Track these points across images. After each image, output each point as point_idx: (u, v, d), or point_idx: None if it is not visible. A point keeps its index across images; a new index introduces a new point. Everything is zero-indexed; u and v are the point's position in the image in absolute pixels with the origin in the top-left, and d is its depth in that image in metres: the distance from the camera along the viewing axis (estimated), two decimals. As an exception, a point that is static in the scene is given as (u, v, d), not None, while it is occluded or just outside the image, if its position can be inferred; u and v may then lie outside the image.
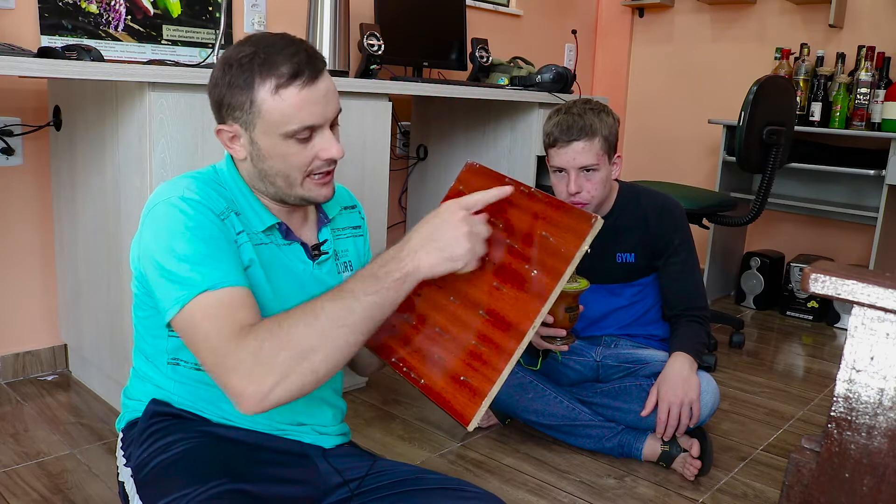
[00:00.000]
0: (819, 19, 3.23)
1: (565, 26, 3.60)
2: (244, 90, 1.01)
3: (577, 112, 1.70)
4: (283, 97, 1.00)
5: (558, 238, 0.94)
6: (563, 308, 1.43)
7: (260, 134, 1.03)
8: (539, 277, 0.93)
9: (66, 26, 1.99)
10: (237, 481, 1.01)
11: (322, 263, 1.16)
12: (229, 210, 1.05)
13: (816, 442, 0.75)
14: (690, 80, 3.66)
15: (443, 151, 2.87)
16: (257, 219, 1.08)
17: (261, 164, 1.05)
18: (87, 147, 1.84)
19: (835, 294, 0.69)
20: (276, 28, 2.50)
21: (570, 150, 1.68)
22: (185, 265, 0.96)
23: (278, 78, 1.00)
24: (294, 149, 1.03)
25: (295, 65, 1.00)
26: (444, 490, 1.13)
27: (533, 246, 0.97)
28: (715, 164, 3.43)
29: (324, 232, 1.18)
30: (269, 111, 1.01)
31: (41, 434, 1.78)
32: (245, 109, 1.02)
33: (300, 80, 1.00)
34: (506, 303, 0.96)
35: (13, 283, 2.07)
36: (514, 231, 1.00)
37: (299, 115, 1.01)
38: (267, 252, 1.09)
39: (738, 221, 2.69)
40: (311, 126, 1.02)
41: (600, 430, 1.78)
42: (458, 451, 1.80)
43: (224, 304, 0.95)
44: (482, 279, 1.00)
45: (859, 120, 2.93)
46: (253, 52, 1.01)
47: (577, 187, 1.69)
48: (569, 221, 0.95)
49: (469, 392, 0.94)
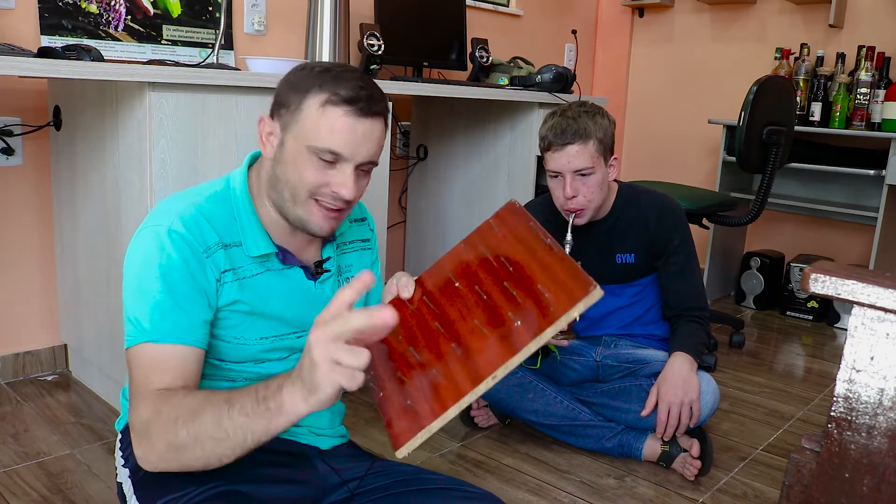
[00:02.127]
0: (819, 19, 3.23)
1: (565, 26, 3.60)
2: (298, 93, 1.02)
3: (572, 115, 1.69)
4: (326, 113, 1.00)
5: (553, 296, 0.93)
6: None
7: (290, 137, 1.03)
8: (519, 330, 0.91)
9: (66, 26, 1.99)
10: (234, 482, 1.01)
11: (324, 282, 1.15)
12: (220, 244, 1.04)
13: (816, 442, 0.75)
14: (690, 80, 3.66)
15: (443, 151, 2.87)
16: (254, 245, 1.07)
17: (278, 167, 1.05)
18: (87, 147, 1.84)
19: (835, 294, 0.69)
20: (276, 28, 2.50)
21: (565, 154, 1.68)
22: (144, 307, 0.98)
23: (332, 95, 1.00)
24: (312, 165, 1.02)
25: (353, 93, 1.00)
26: (444, 490, 1.13)
27: (528, 296, 0.95)
28: (715, 164, 3.43)
29: (327, 249, 1.16)
30: (307, 118, 1.01)
31: (41, 434, 1.78)
32: (290, 110, 1.03)
33: (349, 108, 1.00)
34: (480, 344, 0.94)
35: (13, 283, 2.07)
36: (517, 277, 0.99)
37: (330, 136, 1.00)
38: (262, 280, 1.08)
39: (738, 221, 2.69)
40: (337, 153, 1.01)
41: (600, 430, 1.78)
42: (458, 451, 1.80)
43: (159, 360, 0.97)
44: (470, 314, 0.99)
45: (859, 120, 2.92)
46: (328, 68, 1.03)
47: (573, 191, 1.69)
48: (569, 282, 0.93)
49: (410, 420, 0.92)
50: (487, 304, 0.98)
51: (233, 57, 2.38)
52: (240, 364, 1.09)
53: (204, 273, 1.01)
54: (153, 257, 0.99)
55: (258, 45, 2.47)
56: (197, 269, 1.01)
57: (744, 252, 3.41)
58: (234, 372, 1.09)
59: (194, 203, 1.05)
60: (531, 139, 2.55)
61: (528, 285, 0.96)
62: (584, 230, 1.78)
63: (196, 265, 1.01)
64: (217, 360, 1.08)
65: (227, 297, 1.04)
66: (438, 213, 2.90)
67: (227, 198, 1.08)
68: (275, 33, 2.51)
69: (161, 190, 1.63)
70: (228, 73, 1.71)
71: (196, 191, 1.08)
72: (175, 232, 1.00)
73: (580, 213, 1.72)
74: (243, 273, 1.06)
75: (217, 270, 1.03)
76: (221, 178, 1.11)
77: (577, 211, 1.71)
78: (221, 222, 1.05)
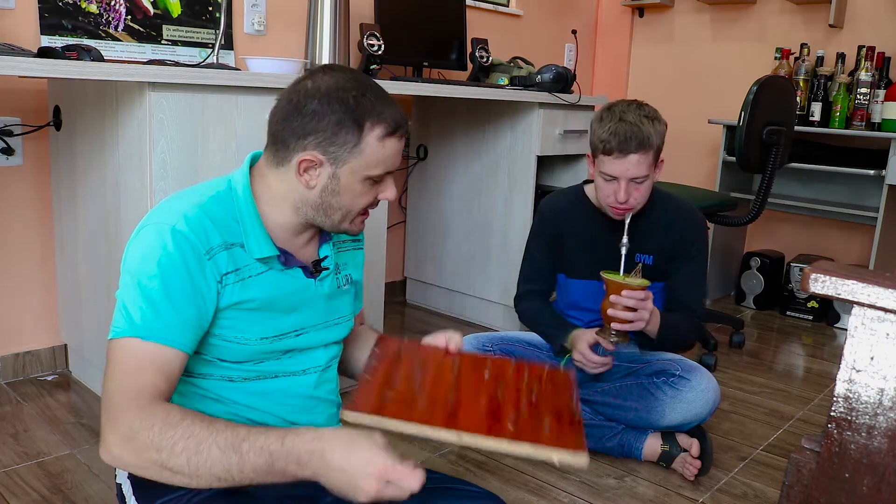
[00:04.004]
0: (819, 19, 3.23)
1: (565, 26, 3.60)
2: (353, 131, 1.04)
3: (634, 121, 1.65)
4: (385, 145, 1.06)
5: (550, 432, 0.98)
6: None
7: (347, 171, 1.06)
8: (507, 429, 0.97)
9: (66, 26, 1.99)
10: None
11: (323, 280, 1.16)
12: (223, 245, 1.04)
13: (816, 442, 0.75)
14: (690, 80, 3.66)
15: (443, 151, 2.87)
16: (257, 248, 1.07)
17: (330, 197, 1.07)
18: (87, 147, 1.84)
19: (835, 294, 0.69)
20: (276, 28, 2.50)
21: (626, 162, 1.65)
22: (137, 302, 0.98)
23: (386, 127, 1.05)
24: (365, 189, 1.08)
25: (399, 117, 1.08)
26: (446, 489, 1.13)
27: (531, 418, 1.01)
28: (715, 164, 3.43)
29: (324, 248, 1.18)
30: (369, 154, 1.05)
31: (41, 434, 1.78)
32: (346, 147, 1.04)
33: (400, 133, 1.08)
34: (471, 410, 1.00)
35: (13, 283, 2.07)
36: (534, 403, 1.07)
37: (386, 163, 1.08)
38: (266, 280, 1.08)
39: (738, 221, 2.69)
40: (389, 172, 1.10)
41: (600, 429, 1.78)
42: (458, 451, 1.80)
43: (145, 359, 0.97)
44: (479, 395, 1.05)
45: (859, 120, 2.93)
46: (361, 94, 1.05)
47: (627, 195, 1.68)
48: (569, 435, 0.99)
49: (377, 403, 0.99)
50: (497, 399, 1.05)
51: (233, 57, 2.38)
52: (239, 364, 1.09)
53: (203, 275, 1.01)
54: (154, 254, 0.99)
55: (258, 45, 2.47)
56: (196, 270, 1.00)
57: (744, 252, 3.42)
58: (232, 371, 1.09)
59: (198, 203, 1.04)
60: (531, 139, 2.55)
61: (538, 413, 1.04)
62: (611, 224, 1.78)
63: (196, 266, 1.00)
64: (217, 359, 1.07)
65: (230, 299, 1.04)
66: (438, 213, 2.90)
67: (229, 199, 1.08)
68: (275, 33, 2.51)
69: (161, 190, 1.63)
70: (228, 73, 1.71)
71: (198, 191, 1.08)
72: (178, 231, 1.00)
73: (626, 211, 1.72)
74: (247, 272, 1.06)
75: (218, 273, 1.03)
76: (223, 179, 1.11)
77: (626, 210, 1.71)
78: (224, 223, 1.05)
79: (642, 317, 1.61)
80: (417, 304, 3.05)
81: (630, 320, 1.60)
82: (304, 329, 1.13)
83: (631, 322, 1.60)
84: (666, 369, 1.76)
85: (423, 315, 2.92)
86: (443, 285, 2.93)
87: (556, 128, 2.59)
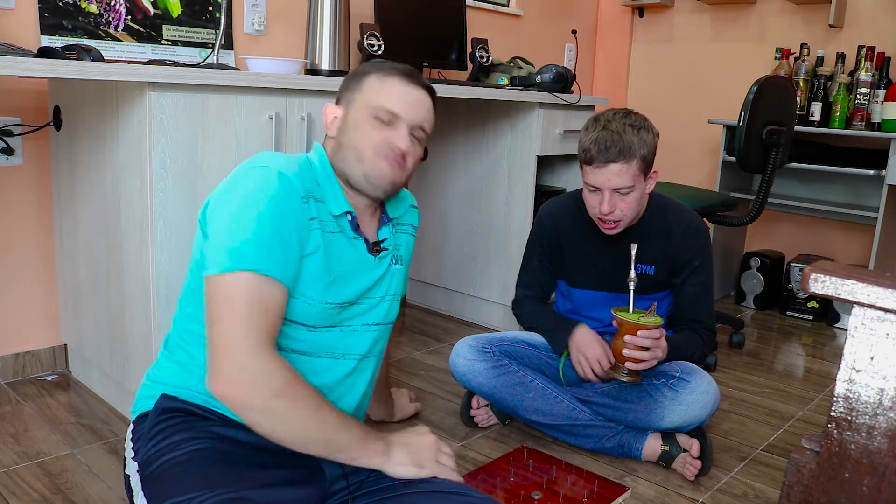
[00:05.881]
0: (819, 19, 3.23)
1: (565, 26, 3.60)
2: (359, 76, 1.23)
3: (617, 129, 1.62)
4: (384, 82, 1.21)
5: None
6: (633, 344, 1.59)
7: (354, 109, 1.21)
8: None
9: (66, 26, 1.99)
10: (242, 489, 1.02)
11: (382, 258, 1.27)
12: (311, 196, 1.15)
13: (816, 442, 0.75)
14: (690, 80, 3.66)
15: (443, 151, 2.87)
16: (335, 204, 1.18)
17: (342, 135, 1.21)
18: (87, 147, 1.84)
19: (835, 294, 0.69)
20: (276, 28, 2.50)
21: (607, 172, 1.62)
22: (247, 236, 1.04)
23: (389, 70, 1.22)
24: (373, 127, 1.19)
25: (407, 69, 1.23)
26: (446, 494, 1.13)
27: None
28: (715, 164, 3.43)
29: (383, 231, 1.28)
30: (368, 90, 1.21)
31: (41, 434, 1.78)
32: (353, 89, 1.23)
33: (403, 77, 1.22)
34: None
35: (13, 283, 2.07)
36: None
37: (388, 99, 1.19)
38: (335, 241, 1.18)
39: (738, 221, 2.69)
40: (393, 112, 1.19)
41: (600, 430, 1.78)
42: (458, 451, 1.80)
43: (261, 298, 1.03)
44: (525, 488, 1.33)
45: (859, 120, 2.93)
46: (385, 62, 1.25)
47: (611, 207, 1.66)
48: None
49: None
50: None
51: (233, 57, 2.38)
52: (296, 326, 1.14)
53: (303, 215, 1.11)
54: (263, 193, 1.08)
55: (258, 45, 2.47)
56: (300, 210, 1.11)
57: (744, 252, 3.42)
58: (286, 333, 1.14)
59: (293, 160, 1.17)
60: (531, 139, 2.55)
61: None
62: (610, 236, 1.77)
63: (299, 207, 1.11)
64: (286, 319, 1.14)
65: (313, 244, 1.13)
66: (438, 213, 2.90)
67: (308, 167, 1.20)
68: (275, 33, 2.52)
69: (161, 190, 1.63)
70: (228, 73, 1.71)
71: (285, 156, 1.19)
72: (284, 175, 1.11)
73: (615, 225, 1.70)
74: (326, 227, 1.16)
75: (309, 215, 1.13)
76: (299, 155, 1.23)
77: (612, 224, 1.70)
78: (311, 182, 1.17)
79: (656, 356, 1.61)
80: (417, 304, 3.05)
81: (645, 359, 1.60)
82: (359, 301, 1.22)
83: (645, 361, 1.60)
84: (665, 371, 1.76)
85: (423, 315, 2.92)
86: (442, 285, 2.93)
87: (556, 128, 2.59)
